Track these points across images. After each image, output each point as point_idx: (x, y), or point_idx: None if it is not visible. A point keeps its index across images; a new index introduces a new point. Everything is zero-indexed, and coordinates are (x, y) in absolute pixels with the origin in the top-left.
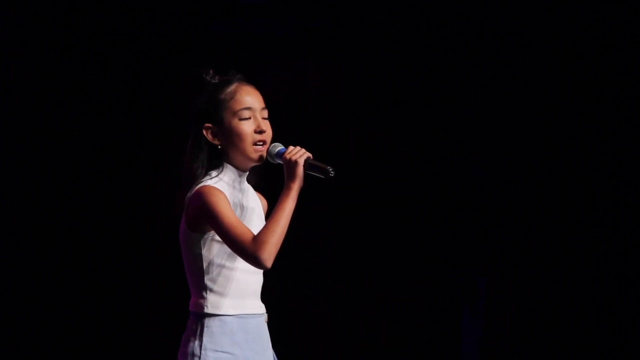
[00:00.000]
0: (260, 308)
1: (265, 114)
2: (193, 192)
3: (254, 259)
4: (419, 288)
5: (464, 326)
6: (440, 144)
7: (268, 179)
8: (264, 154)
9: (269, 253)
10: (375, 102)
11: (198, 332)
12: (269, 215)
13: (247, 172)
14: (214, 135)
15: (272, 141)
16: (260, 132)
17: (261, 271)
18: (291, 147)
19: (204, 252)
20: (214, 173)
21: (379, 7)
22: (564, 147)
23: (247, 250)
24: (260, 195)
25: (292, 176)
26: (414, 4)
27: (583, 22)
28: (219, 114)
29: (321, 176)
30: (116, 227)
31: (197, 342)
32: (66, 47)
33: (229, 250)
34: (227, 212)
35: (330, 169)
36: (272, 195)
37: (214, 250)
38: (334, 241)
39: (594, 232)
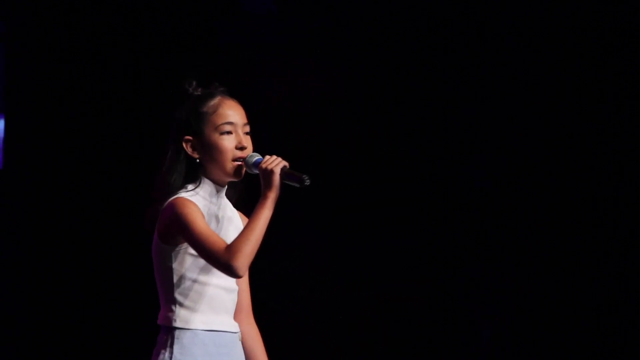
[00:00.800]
0: (234, 327)
1: (247, 129)
2: (167, 204)
3: (227, 268)
4: (419, 288)
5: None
6: (440, 144)
7: (249, 196)
8: (242, 170)
9: (243, 262)
10: (375, 103)
11: (168, 344)
12: None
13: (225, 187)
14: (193, 148)
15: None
16: (242, 148)
17: (236, 290)
18: (267, 157)
19: (175, 265)
20: (190, 186)
21: (379, 7)
22: (564, 147)
23: (220, 259)
24: (241, 214)
25: (268, 185)
26: (414, 4)
27: (583, 22)
28: (200, 127)
29: (296, 185)
30: (116, 227)
31: (167, 354)
32: (72, 54)
33: (201, 264)
34: (199, 222)
35: (306, 178)
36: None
37: (186, 263)
38: (335, 242)
39: (594, 232)
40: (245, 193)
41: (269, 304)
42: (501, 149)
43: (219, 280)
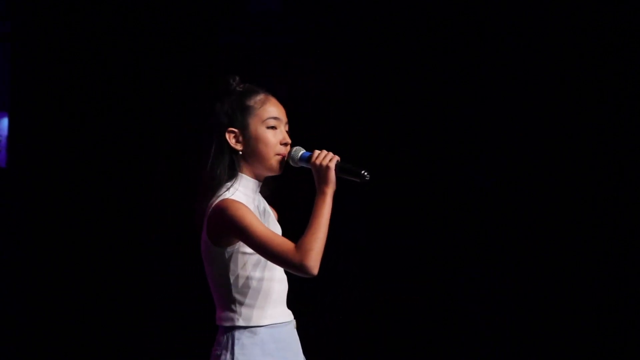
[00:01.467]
0: (289, 315)
1: (287, 127)
2: (213, 206)
3: (300, 268)
4: (419, 288)
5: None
6: (440, 145)
7: (278, 191)
8: (284, 164)
9: (315, 260)
10: (376, 103)
11: (229, 345)
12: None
13: (261, 183)
14: (237, 140)
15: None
16: (285, 144)
17: (285, 278)
18: (317, 151)
19: (232, 265)
20: (228, 184)
21: (379, 7)
22: (564, 147)
23: (291, 260)
24: (272, 208)
25: (325, 181)
26: (414, 4)
27: (583, 22)
28: (245, 120)
29: (356, 179)
30: (118, 226)
31: (228, 355)
32: (75, 54)
33: (256, 261)
34: (256, 224)
35: (365, 172)
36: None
37: (242, 262)
38: (334, 242)
39: (594, 232)
40: (276, 189)
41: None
42: (501, 149)
43: (271, 273)
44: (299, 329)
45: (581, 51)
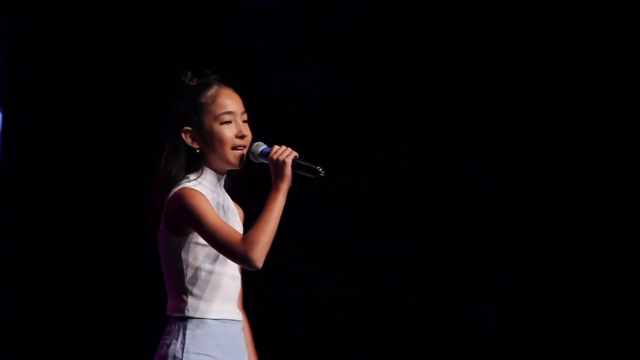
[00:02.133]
0: (238, 315)
1: (245, 117)
2: (172, 194)
3: (244, 260)
4: (419, 288)
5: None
6: (440, 144)
7: (244, 184)
8: (244, 158)
9: (260, 253)
10: (376, 103)
11: (180, 334)
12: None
13: (225, 176)
14: (193, 138)
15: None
16: (242, 136)
17: (239, 278)
18: (276, 147)
19: (184, 255)
20: (192, 176)
21: (379, 7)
22: (564, 147)
23: (237, 251)
24: (236, 203)
25: (280, 176)
26: (414, 3)
27: (583, 22)
28: (200, 118)
29: (311, 176)
30: (115, 222)
31: (178, 345)
32: (71, 50)
33: (209, 253)
34: (210, 213)
35: (320, 169)
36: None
37: (195, 253)
38: (335, 241)
39: (594, 232)
40: (238, 183)
41: (268, 304)
42: (501, 149)
43: (226, 268)
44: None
45: (581, 51)
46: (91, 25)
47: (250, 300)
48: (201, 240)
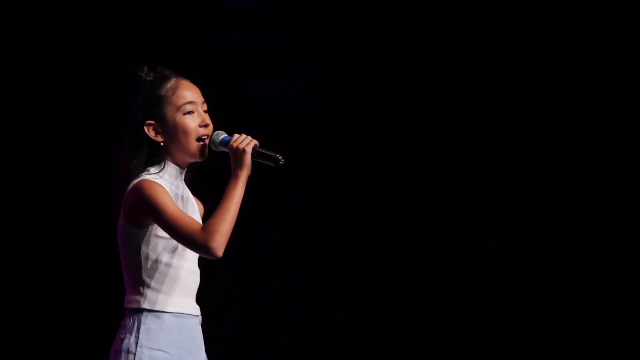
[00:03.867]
0: (196, 310)
1: (205, 107)
2: (131, 186)
3: (204, 249)
4: (419, 288)
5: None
6: (440, 145)
7: (204, 177)
8: (207, 150)
9: (220, 242)
10: (375, 103)
11: (134, 329)
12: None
13: (185, 170)
14: (156, 132)
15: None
16: (205, 125)
17: (198, 272)
18: (236, 135)
19: (143, 247)
20: (153, 169)
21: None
22: (563, 147)
23: (196, 240)
24: (196, 198)
25: (239, 164)
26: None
27: (583, 22)
28: (161, 110)
29: (271, 164)
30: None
31: (132, 339)
32: (60, 47)
33: (168, 246)
34: (169, 204)
35: (280, 157)
36: (206, 193)
37: (153, 245)
38: (334, 242)
39: (594, 231)
40: (200, 176)
41: (268, 305)
42: (501, 150)
43: (185, 262)
44: (206, 325)
45: (580, 50)
46: (79, 21)
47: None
48: (160, 233)
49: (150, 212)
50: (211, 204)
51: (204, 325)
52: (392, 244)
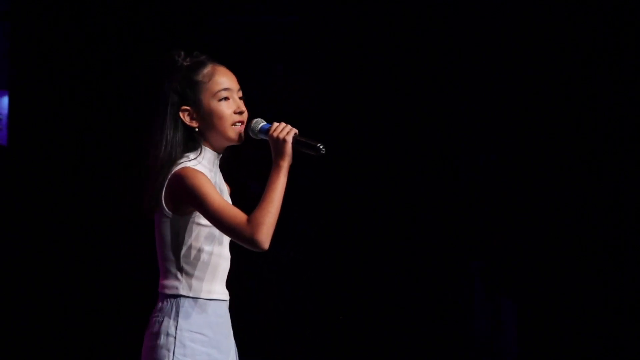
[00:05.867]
0: (227, 294)
1: (241, 94)
2: (173, 174)
3: (251, 242)
4: (419, 287)
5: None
6: (440, 144)
7: (232, 160)
8: (243, 134)
9: (267, 234)
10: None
11: (173, 312)
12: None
13: (221, 155)
14: (191, 117)
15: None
16: (240, 112)
17: (229, 258)
18: (276, 124)
19: (184, 235)
20: (192, 155)
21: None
22: (564, 146)
23: (243, 233)
24: (224, 182)
25: (281, 154)
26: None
27: (583, 22)
28: (197, 96)
29: (312, 153)
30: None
31: (172, 322)
32: (76, 33)
33: (209, 234)
34: (214, 194)
35: (321, 146)
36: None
37: (194, 233)
38: (334, 240)
39: (594, 231)
40: (230, 159)
41: (268, 304)
42: (501, 150)
43: (220, 248)
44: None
45: (579, 49)
46: (94, 6)
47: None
48: (202, 221)
49: (194, 201)
50: (237, 187)
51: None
52: (392, 244)
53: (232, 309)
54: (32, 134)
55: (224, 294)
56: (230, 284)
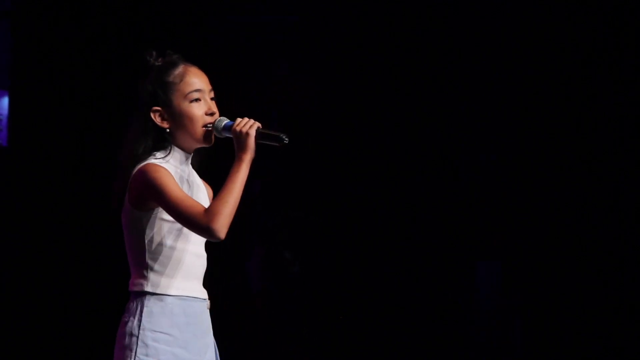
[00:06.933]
0: (203, 293)
1: (212, 94)
2: (136, 170)
3: (206, 231)
4: (418, 287)
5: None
6: (439, 145)
7: (212, 160)
8: (213, 136)
9: (222, 224)
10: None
11: (137, 312)
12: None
13: (192, 154)
14: (162, 118)
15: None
16: (212, 113)
17: (205, 255)
18: (239, 119)
19: (147, 230)
20: (159, 154)
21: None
22: (563, 147)
23: (199, 222)
24: (205, 182)
25: (243, 148)
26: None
27: (581, 21)
28: (168, 97)
29: (275, 144)
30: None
31: (135, 322)
32: (77, 33)
33: (173, 229)
34: (173, 187)
35: (284, 136)
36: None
37: (158, 228)
38: (333, 241)
39: (594, 232)
40: (207, 160)
41: (268, 304)
42: (501, 149)
43: (190, 246)
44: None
45: (580, 50)
46: (95, 6)
47: None
48: (165, 216)
49: (154, 195)
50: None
51: (212, 310)
52: (392, 244)
53: (231, 309)
54: (33, 134)
55: (196, 292)
56: (229, 284)
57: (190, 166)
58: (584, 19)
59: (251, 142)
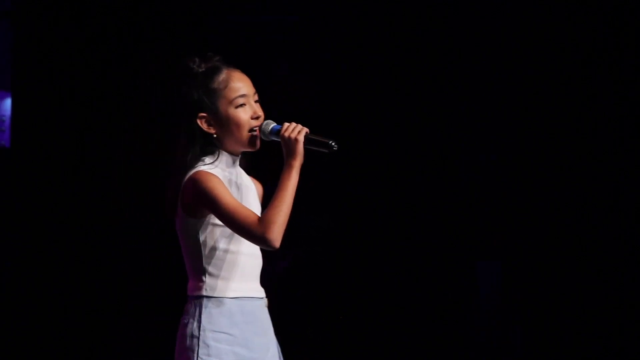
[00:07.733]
0: (260, 292)
1: (256, 97)
2: (187, 178)
3: (262, 240)
4: (418, 287)
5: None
6: (439, 145)
7: (258, 162)
8: (259, 140)
9: (277, 233)
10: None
11: (196, 314)
12: (271, 195)
13: (240, 156)
14: (209, 124)
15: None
16: (257, 117)
17: (260, 255)
18: (286, 124)
19: (202, 236)
20: (207, 159)
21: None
22: (563, 146)
23: (254, 232)
24: (254, 179)
25: (292, 154)
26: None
27: (581, 21)
28: (214, 103)
29: (324, 150)
30: (120, 205)
31: (195, 324)
32: (79, 34)
33: (227, 233)
34: (225, 195)
35: (333, 143)
36: (262, 176)
37: (213, 234)
38: (334, 240)
39: (594, 232)
40: (253, 160)
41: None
42: (501, 149)
43: (245, 247)
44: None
45: (580, 50)
46: (96, 6)
47: None
48: (217, 221)
49: (207, 204)
50: (269, 187)
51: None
52: (392, 243)
53: None
54: (35, 135)
55: (253, 292)
56: None
57: (239, 167)
58: (584, 19)
59: (300, 148)
